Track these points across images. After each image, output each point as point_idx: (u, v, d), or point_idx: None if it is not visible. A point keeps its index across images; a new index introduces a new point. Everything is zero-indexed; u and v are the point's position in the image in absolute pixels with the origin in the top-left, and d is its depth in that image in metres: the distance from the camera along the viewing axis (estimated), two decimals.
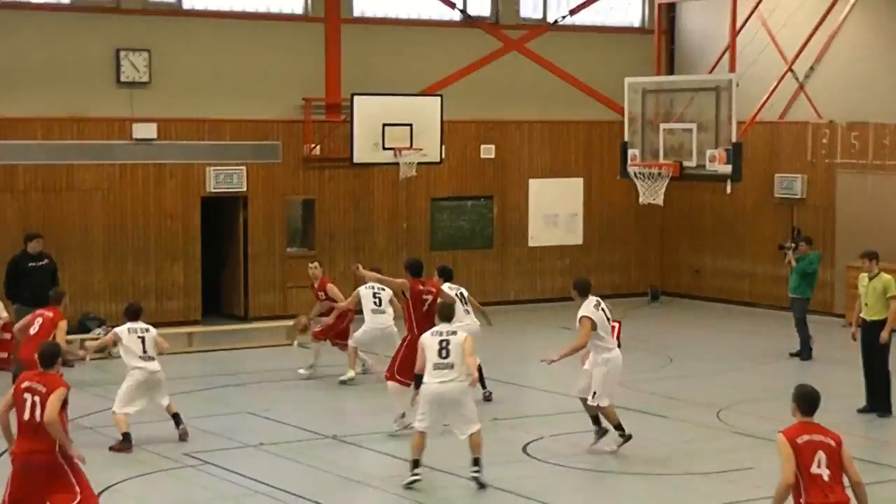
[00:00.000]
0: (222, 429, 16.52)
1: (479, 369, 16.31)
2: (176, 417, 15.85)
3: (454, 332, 13.65)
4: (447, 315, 13.95)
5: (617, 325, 22.93)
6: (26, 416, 10.91)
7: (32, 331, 16.51)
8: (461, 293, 17.86)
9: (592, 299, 15.45)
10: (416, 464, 13.55)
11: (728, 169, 21.07)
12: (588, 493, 14.01)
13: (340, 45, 25.67)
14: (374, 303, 19.13)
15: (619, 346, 22.42)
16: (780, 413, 17.45)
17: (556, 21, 27.50)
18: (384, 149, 23.55)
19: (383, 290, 19.00)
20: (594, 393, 15.25)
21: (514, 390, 19.06)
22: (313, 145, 25.27)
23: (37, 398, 10.89)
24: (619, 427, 15.33)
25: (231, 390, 19.13)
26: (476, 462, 13.64)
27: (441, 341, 13.50)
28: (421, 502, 13.44)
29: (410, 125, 23.78)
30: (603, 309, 15.35)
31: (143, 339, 15.74)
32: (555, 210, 28.29)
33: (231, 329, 23.87)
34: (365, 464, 14.95)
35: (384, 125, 23.51)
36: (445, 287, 17.15)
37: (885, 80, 25.53)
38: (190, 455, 15.09)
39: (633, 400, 18.48)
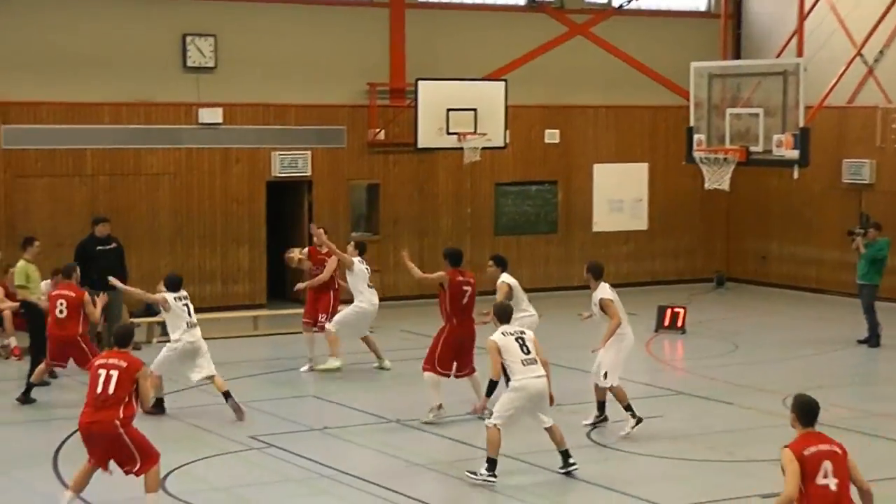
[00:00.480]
0: (287, 412, 16.61)
1: None
2: (226, 395, 15.97)
3: (523, 331, 13.62)
4: (507, 316, 13.78)
5: (682, 310, 22.95)
6: (98, 388, 11.51)
7: (60, 314, 16.66)
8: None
9: (606, 284, 15.62)
10: (494, 464, 13.31)
11: (795, 154, 21.03)
12: (652, 478, 13.89)
13: (405, 30, 25.68)
14: (370, 279, 18.91)
15: (683, 332, 22.64)
16: (847, 400, 17.48)
17: (621, 5, 27.37)
18: (448, 134, 23.71)
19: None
20: (605, 373, 15.31)
21: (578, 375, 18.96)
22: (378, 130, 25.33)
23: (113, 372, 11.50)
24: (629, 408, 15.32)
25: (296, 374, 19.19)
26: (567, 454, 13.62)
27: (517, 339, 13.40)
28: (486, 488, 13.46)
29: (475, 110, 23.89)
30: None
31: (187, 306, 16.13)
32: (619, 195, 28.21)
33: (296, 313, 23.89)
34: (429, 448, 14.93)
35: (448, 110, 23.64)
36: (505, 276, 16.72)
37: None
38: (255, 438, 15.17)
39: (698, 386, 18.49)
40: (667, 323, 22.87)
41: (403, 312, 24.02)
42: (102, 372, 11.56)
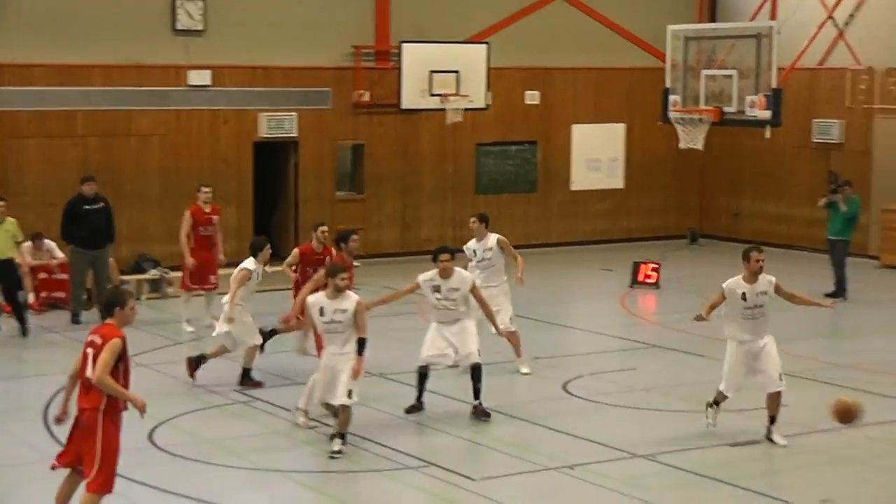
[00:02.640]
0: (273, 367, 16.73)
1: None
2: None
3: None
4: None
5: (657, 266, 23.56)
6: (87, 371, 10.19)
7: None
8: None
9: None
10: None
11: (767, 114, 21.41)
12: (626, 428, 14.36)
13: None
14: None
15: (657, 287, 23.23)
16: (815, 352, 17.98)
17: None
18: (431, 95, 24.04)
19: None
20: None
21: (555, 330, 19.40)
22: (362, 92, 25.74)
23: (90, 351, 10.22)
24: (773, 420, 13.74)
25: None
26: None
27: None
28: (459, 436, 13.98)
29: (457, 72, 24.25)
30: None
31: None
32: (597, 155, 28.64)
33: (282, 270, 24.29)
34: (408, 401, 14.95)
35: (431, 72, 24.02)
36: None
37: None
38: (241, 392, 15.51)
39: (671, 339, 18.96)
40: (641, 278, 23.39)
41: (386, 269, 24.35)
42: (90, 352, 10.21)
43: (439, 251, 14.62)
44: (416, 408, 14.74)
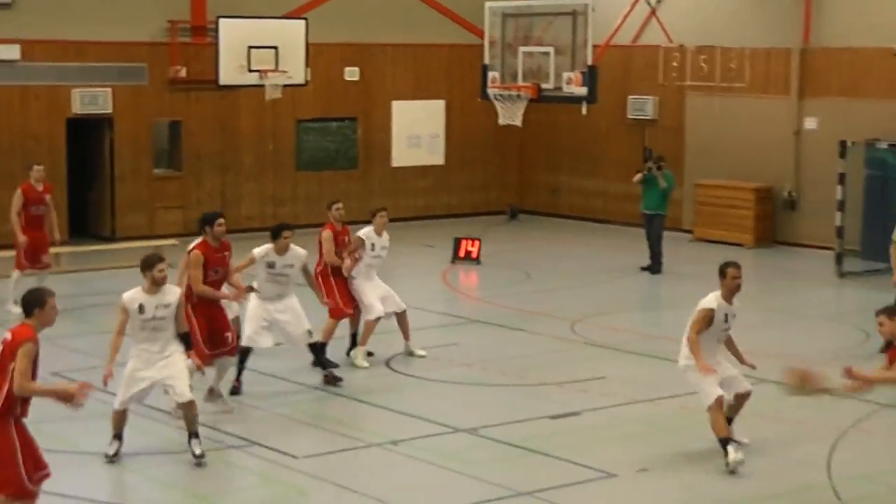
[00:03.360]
0: (88, 348, 16.53)
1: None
2: None
3: None
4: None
5: (477, 242, 23.81)
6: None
7: None
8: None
9: None
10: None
11: (584, 91, 21.68)
12: (448, 403, 14.54)
13: None
14: None
15: (478, 262, 23.49)
16: (631, 325, 18.46)
17: None
18: (250, 71, 23.88)
19: None
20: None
21: None
22: (179, 67, 25.41)
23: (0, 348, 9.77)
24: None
25: (98, 310, 19.10)
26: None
27: None
28: (281, 414, 13.96)
29: (276, 48, 24.10)
30: None
31: None
32: (417, 131, 28.80)
33: (98, 249, 24.01)
34: (227, 382, 14.71)
35: (250, 47, 23.83)
36: None
37: (733, 6, 26.46)
38: (58, 374, 15.03)
39: (492, 314, 19.19)
40: (462, 254, 23.60)
41: None
42: None
43: (281, 228, 14.73)
44: (236, 388, 14.64)
